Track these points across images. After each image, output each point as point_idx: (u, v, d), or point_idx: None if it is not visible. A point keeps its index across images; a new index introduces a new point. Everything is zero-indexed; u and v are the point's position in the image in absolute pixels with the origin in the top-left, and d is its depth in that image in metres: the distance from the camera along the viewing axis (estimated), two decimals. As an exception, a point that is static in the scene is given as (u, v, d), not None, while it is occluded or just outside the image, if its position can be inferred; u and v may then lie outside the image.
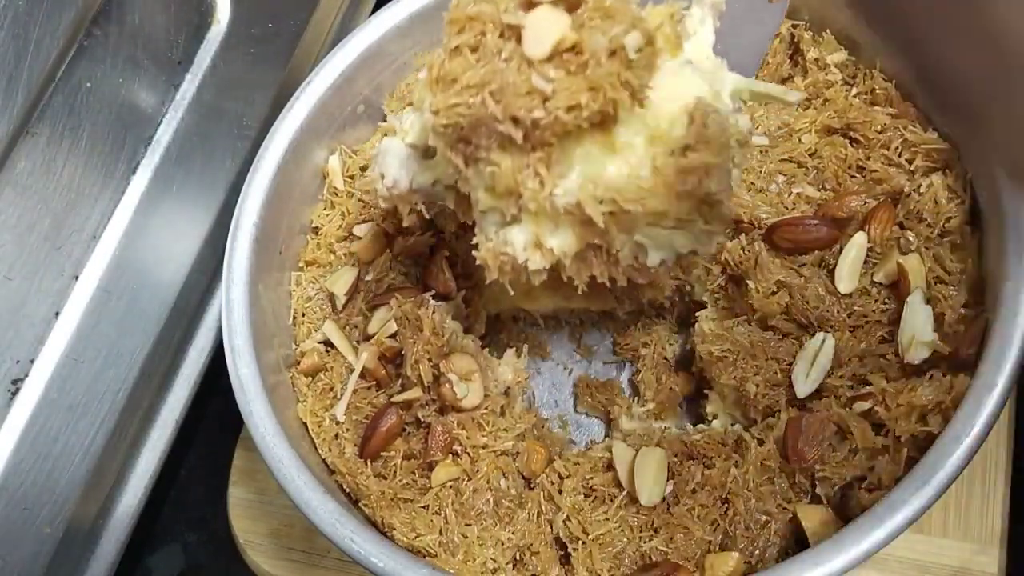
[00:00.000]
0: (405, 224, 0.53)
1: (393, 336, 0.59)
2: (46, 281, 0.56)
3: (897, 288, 0.56)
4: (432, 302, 0.58)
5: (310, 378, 0.60)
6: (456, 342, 0.58)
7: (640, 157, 0.42)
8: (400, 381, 0.58)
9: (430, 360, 0.56)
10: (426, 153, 0.50)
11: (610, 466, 0.56)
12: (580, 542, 0.53)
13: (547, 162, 0.42)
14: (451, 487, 0.55)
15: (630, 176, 0.42)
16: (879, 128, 0.59)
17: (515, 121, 0.40)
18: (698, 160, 0.41)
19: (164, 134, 0.61)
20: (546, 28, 0.40)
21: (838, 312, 0.56)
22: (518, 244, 0.45)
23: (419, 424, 0.57)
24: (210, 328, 0.68)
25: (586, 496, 0.55)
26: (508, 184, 0.42)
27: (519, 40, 0.41)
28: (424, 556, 0.53)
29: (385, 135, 0.66)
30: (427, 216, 0.52)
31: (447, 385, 0.55)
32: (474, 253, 0.46)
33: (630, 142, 0.42)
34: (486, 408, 0.57)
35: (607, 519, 0.53)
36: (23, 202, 0.53)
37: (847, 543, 0.46)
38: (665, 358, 0.64)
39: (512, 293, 0.51)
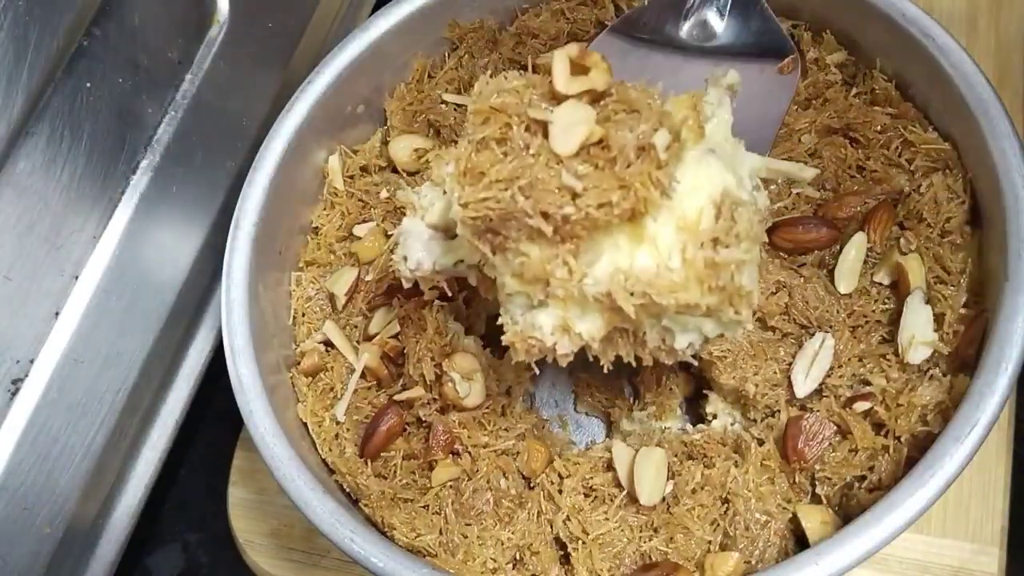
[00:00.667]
0: (426, 298, 0.54)
1: (395, 336, 0.59)
2: (46, 281, 0.56)
3: (897, 288, 0.56)
4: (436, 302, 0.58)
5: (310, 378, 0.60)
6: (458, 342, 0.58)
7: (668, 247, 0.42)
8: (402, 380, 0.58)
9: (432, 359, 0.56)
10: (447, 233, 0.50)
11: (610, 466, 0.56)
12: (580, 542, 0.53)
13: (576, 253, 0.42)
14: (451, 487, 0.55)
15: (659, 267, 0.42)
16: (879, 128, 0.59)
17: (545, 216, 0.41)
18: (729, 256, 0.41)
19: (164, 134, 0.61)
20: (573, 124, 0.41)
21: (838, 312, 0.56)
22: (546, 328, 0.45)
23: (420, 424, 0.57)
24: (210, 328, 0.68)
25: (586, 496, 0.55)
26: (537, 273, 0.43)
27: (545, 134, 0.41)
28: (424, 556, 0.53)
29: (384, 140, 0.66)
30: (448, 293, 0.53)
31: (449, 384, 0.55)
32: (502, 338, 0.47)
33: (658, 232, 0.42)
34: (487, 407, 0.57)
35: (607, 519, 0.53)
36: (23, 202, 0.53)
37: (847, 543, 0.46)
38: (665, 358, 0.64)
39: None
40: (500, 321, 0.47)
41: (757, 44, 0.59)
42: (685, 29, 0.60)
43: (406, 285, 0.53)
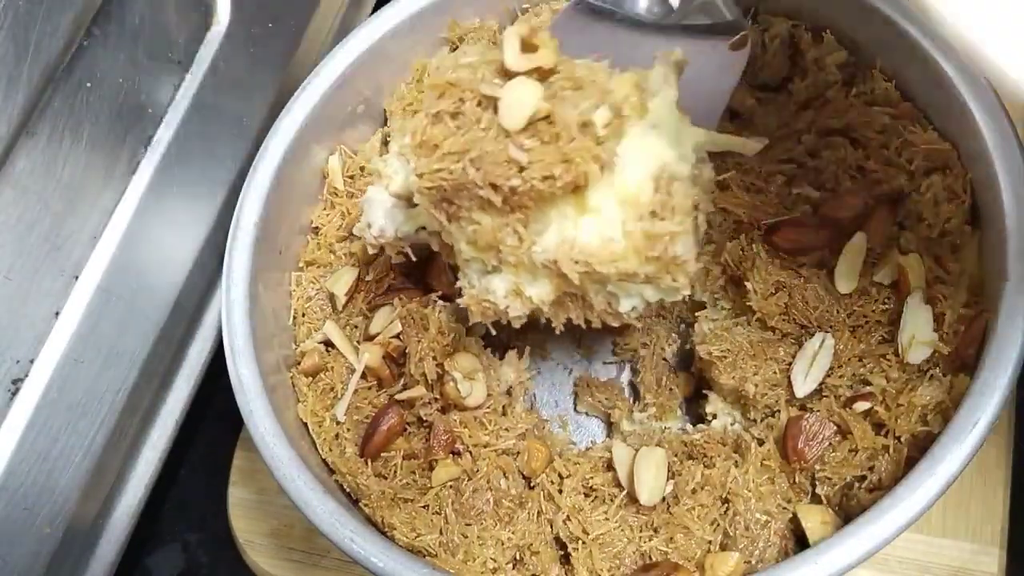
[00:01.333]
0: (394, 263, 0.56)
1: (396, 336, 0.59)
2: (46, 281, 0.56)
3: (897, 288, 0.56)
4: (438, 302, 0.58)
5: (310, 378, 0.60)
6: (460, 342, 0.58)
7: (611, 219, 0.44)
8: (403, 380, 0.58)
9: (434, 358, 0.56)
10: (410, 202, 0.52)
11: (610, 466, 0.56)
12: (580, 542, 0.53)
13: (525, 222, 0.45)
14: (451, 487, 0.55)
15: (602, 238, 0.44)
16: (879, 128, 0.59)
17: (494, 187, 0.43)
18: (664, 228, 0.43)
19: (164, 134, 0.61)
20: (521, 101, 0.43)
21: (838, 312, 0.56)
22: (499, 292, 0.48)
23: (420, 423, 0.57)
24: (210, 328, 0.68)
25: (586, 496, 0.55)
26: (489, 240, 0.45)
27: (496, 110, 0.43)
28: (424, 556, 0.53)
29: (384, 140, 0.66)
30: (413, 258, 0.55)
31: (451, 383, 0.56)
32: (458, 300, 0.50)
33: (602, 204, 0.44)
34: (488, 407, 0.57)
35: (607, 519, 0.53)
36: (23, 202, 0.53)
37: (847, 543, 0.46)
38: (665, 359, 0.64)
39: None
40: (458, 284, 0.50)
41: (711, 20, 0.59)
42: (643, 5, 0.60)
43: (371, 251, 0.55)
